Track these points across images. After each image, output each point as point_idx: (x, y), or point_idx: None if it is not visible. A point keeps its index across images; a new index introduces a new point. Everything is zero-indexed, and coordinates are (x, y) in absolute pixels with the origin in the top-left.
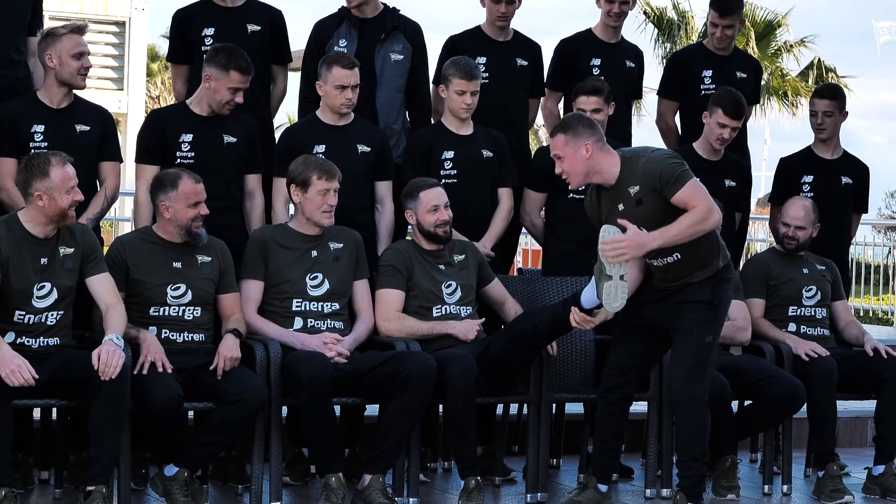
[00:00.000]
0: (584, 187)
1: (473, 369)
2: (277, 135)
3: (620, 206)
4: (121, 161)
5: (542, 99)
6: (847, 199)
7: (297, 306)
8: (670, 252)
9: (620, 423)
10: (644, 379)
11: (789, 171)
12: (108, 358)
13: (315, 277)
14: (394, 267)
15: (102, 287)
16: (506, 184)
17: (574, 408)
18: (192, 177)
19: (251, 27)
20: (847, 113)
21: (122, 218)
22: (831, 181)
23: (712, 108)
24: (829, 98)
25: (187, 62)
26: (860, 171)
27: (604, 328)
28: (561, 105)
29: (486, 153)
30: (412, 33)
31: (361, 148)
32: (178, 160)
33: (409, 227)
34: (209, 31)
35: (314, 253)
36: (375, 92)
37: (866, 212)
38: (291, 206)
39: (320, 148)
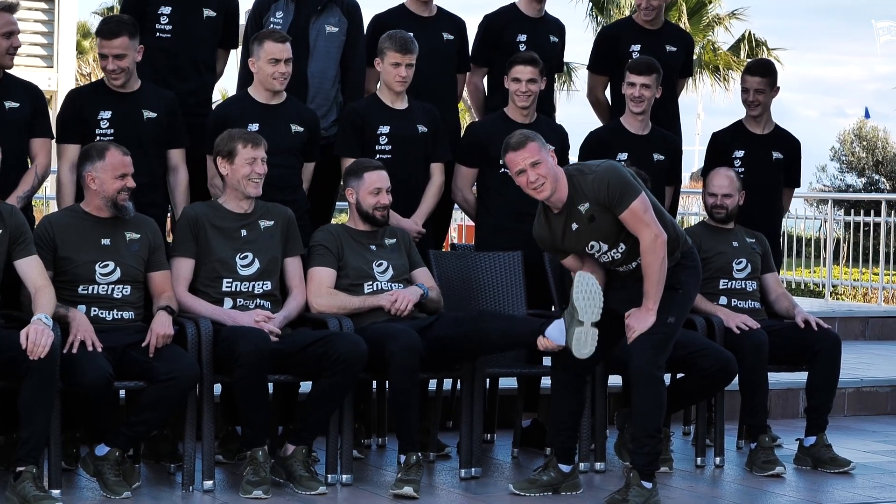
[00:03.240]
0: None
1: (418, 345)
2: None
3: (574, 226)
4: (52, 137)
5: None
6: (778, 174)
7: (227, 286)
8: (634, 258)
9: (574, 402)
10: (599, 361)
11: (721, 146)
12: (37, 337)
13: (245, 257)
14: (324, 247)
15: (31, 270)
16: (438, 159)
17: (508, 382)
18: (120, 149)
19: (207, 12)
20: (779, 88)
21: (52, 196)
22: (762, 156)
23: (625, 75)
24: (759, 75)
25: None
26: (791, 146)
27: (540, 302)
28: (486, 80)
29: (422, 128)
30: (349, 8)
31: (294, 127)
32: (98, 138)
33: (336, 207)
34: (165, 10)
35: (244, 232)
36: (307, 62)
37: (798, 186)
38: None
39: (254, 126)
